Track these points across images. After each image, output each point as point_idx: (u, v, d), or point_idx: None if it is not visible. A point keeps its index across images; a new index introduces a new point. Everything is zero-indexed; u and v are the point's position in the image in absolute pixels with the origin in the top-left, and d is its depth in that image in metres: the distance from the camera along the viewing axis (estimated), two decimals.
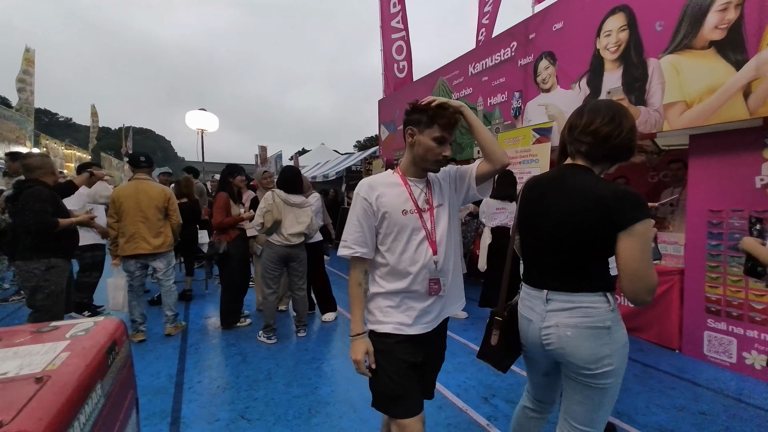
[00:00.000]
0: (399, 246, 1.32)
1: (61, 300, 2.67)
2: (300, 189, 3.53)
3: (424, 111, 1.29)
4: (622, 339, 1.20)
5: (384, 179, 1.40)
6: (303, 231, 3.42)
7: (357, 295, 1.36)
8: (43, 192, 2.62)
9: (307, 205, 3.53)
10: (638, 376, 2.76)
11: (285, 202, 3.35)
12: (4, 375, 0.75)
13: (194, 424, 2.20)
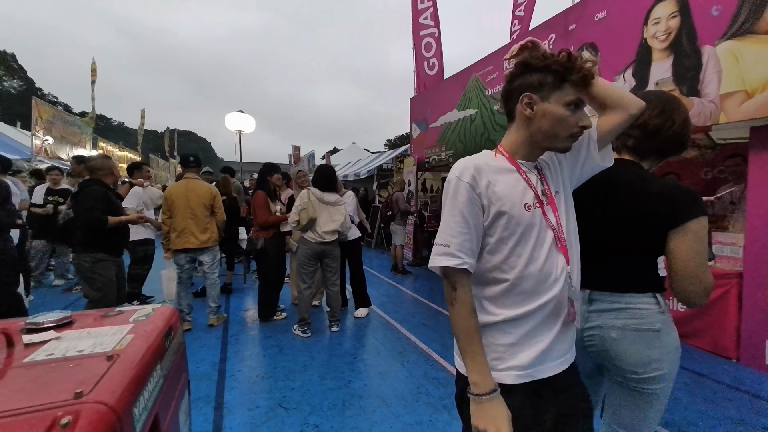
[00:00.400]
0: (524, 254, 0.93)
1: (111, 291, 2.84)
2: (335, 187, 3.61)
3: (548, 68, 0.92)
4: (673, 343, 1.14)
5: (490, 161, 1.02)
6: (337, 229, 3.49)
7: (473, 327, 0.93)
8: (98, 191, 2.79)
9: (342, 203, 3.60)
10: (689, 386, 2.59)
11: (320, 201, 3.44)
12: (81, 352, 0.83)
13: (236, 410, 2.31)
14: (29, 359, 0.80)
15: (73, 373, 0.74)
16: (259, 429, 2.12)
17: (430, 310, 4.33)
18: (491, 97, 5.47)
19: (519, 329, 0.93)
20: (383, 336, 3.53)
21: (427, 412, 2.28)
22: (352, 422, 2.18)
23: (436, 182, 8.89)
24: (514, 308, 0.94)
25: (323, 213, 3.46)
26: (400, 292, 5.14)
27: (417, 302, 4.66)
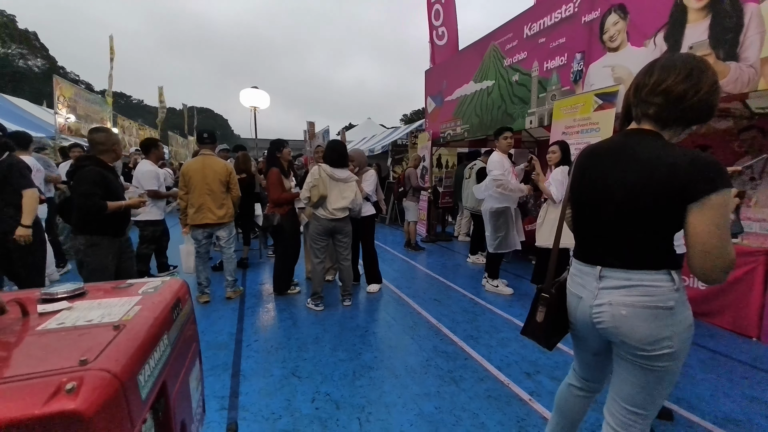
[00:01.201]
0: None
1: (106, 276, 2.58)
2: (346, 163, 3.58)
3: None
4: (686, 321, 1.10)
5: None
6: (347, 206, 3.49)
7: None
8: (93, 173, 2.52)
9: (352, 179, 3.58)
10: (705, 363, 2.54)
11: (330, 177, 3.43)
12: (90, 322, 0.87)
13: (252, 376, 2.42)
14: (41, 327, 0.83)
15: (81, 341, 0.77)
16: (274, 395, 2.22)
17: (442, 285, 4.35)
18: (510, 67, 5.22)
19: None
20: (395, 311, 3.58)
21: (435, 384, 2.33)
22: (361, 391, 2.25)
23: (452, 158, 8.71)
24: None
25: (334, 190, 3.45)
26: (413, 268, 5.17)
27: (429, 278, 4.68)
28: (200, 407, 1.29)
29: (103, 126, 2.86)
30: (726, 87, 2.82)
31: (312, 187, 3.37)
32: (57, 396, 0.61)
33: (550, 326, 1.44)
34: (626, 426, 1.21)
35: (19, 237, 2.63)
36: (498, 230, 3.95)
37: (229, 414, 2.06)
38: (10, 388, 0.62)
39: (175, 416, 0.96)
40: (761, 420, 2.00)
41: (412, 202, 6.33)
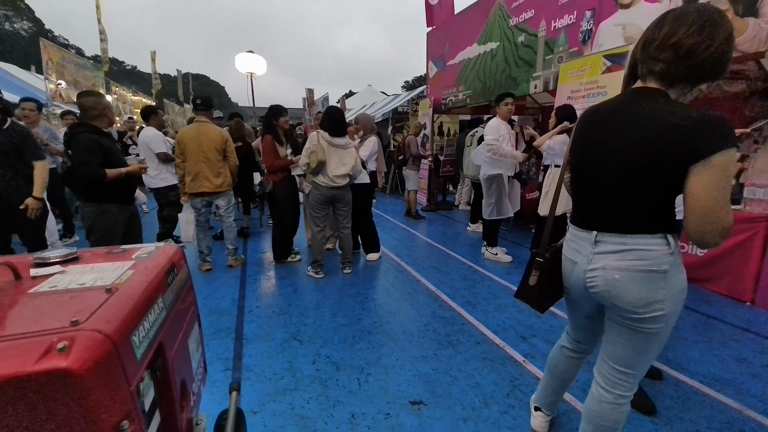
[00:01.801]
0: None
1: (114, 243, 2.55)
2: (343, 131, 3.50)
3: None
4: (680, 284, 1.10)
5: None
6: (348, 172, 3.45)
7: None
8: (88, 140, 2.45)
9: (351, 146, 3.51)
10: (698, 327, 2.59)
11: (330, 144, 3.36)
12: (82, 285, 0.87)
13: (254, 340, 2.49)
14: (33, 290, 0.84)
15: (73, 303, 0.77)
16: (276, 357, 2.29)
17: (442, 254, 4.38)
18: (516, 27, 4.98)
19: None
20: (394, 278, 3.63)
21: (432, 347, 2.40)
22: (360, 354, 2.32)
23: (453, 125, 8.53)
24: None
25: (333, 156, 3.40)
26: (413, 237, 5.19)
27: (429, 247, 4.71)
28: (201, 368, 1.33)
29: (91, 90, 2.74)
30: (742, 45, 2.69)
31: (311, 153, 3.32)
32: (48, 355, 0.62)
33: (543, 290, 1.45)
34: (614, 385, 1.24)
35: (31, 209, 2.62)
36: (490, 196, 3.94)
37: (233, 375, 2.13)
38: (1, 347, 0.62)
39: (174, 376, 0.99)
40: (747, 379, 2.06)
41: (412, 170, 6.26)
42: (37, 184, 2.66)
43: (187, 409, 1.11)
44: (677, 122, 0.98)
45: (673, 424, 1.73)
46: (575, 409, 1.84)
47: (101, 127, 2.58)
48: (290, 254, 4.07)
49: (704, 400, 1.89)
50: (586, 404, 1.33)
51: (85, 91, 2.63)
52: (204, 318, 2.77)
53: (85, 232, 2.64)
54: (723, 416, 1.79)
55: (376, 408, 1.86)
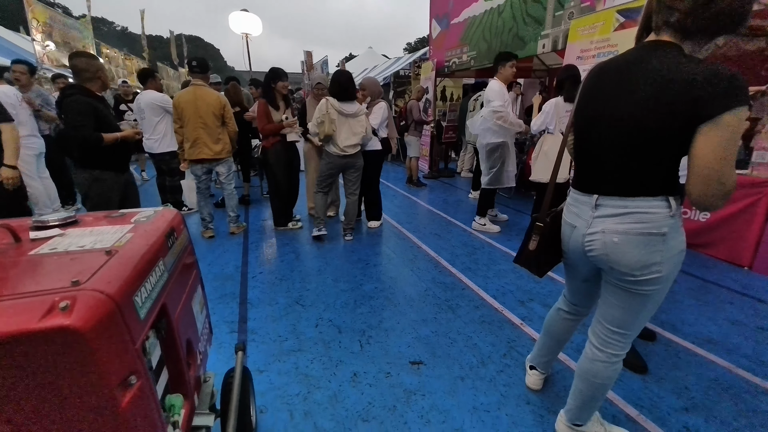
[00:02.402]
0: None
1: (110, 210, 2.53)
2: (351, 95, 3.38)
3: None
4: (678, 246, 1.09)
5: None
6: (358, 142, 3.39)
7: None
8: (81, 102, 2.36)
9: (362, 113, 3.41)
10: (694, 291, 2.63)
11: (339, 113, 3.26)
12: (82, 247, 0.87)
13: (258, 305, 2.56)
14: (33, 252, 0.84)
15: (73, 265, 0.78)
16: (279, 321, 2.36)
17: (443, 221, 4.39)
18: None
19: None
20: (395, 245, 3.66)
21: (432, 311, 2.45)
22: (362, 318, 2.39)
23: (456, 90, 8.26)
24: None
25: (343, 126, 3.31)
26: (414, 204, 5.19)
27: (430, 214, 4.71)
28: (206, 329, 1.37)
29: (84, 50, 2.58)
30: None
31: (320, 124, 3.24)
32: (52, 313, 0.63)
33: (542, 255, 1.46)
34: (607, 344, 1.27)
35: (5, 179, 2.43)
36: (493, 165, 3.81)
37: (239, 336, 2.21)
38: (5, 305, 0.63)
39: (179, 335, 1.01)
40: (739, 339, 2.12)
41: (414, 137, 6.14)
42: (7, 150, 2.45)
43: (195, 366, 1.15)
44: (689, 78, 0.93)
45: (662, 381, 1.80)
46: (569, 368, 1.90)
47: (95, 90, 2.47)
48: (291, 221, 4.09)
49: (694, 360, 1.96)
50: (580, 363, 1.38)
51: (77, 52, 2.51)
52: (208, 283, 2.83)
53: (82, 199, 2.59)
54: (712, 374, 1.85)
55: (377, 368, 1.93)
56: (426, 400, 1.72)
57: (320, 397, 1.74)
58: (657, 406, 1.66)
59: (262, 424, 1.60)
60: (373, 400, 1.72)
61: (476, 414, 1.64)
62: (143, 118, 4.23)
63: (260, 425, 1.59)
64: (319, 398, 1.73)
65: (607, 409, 1.64)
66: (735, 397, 1.70)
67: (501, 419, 1.61)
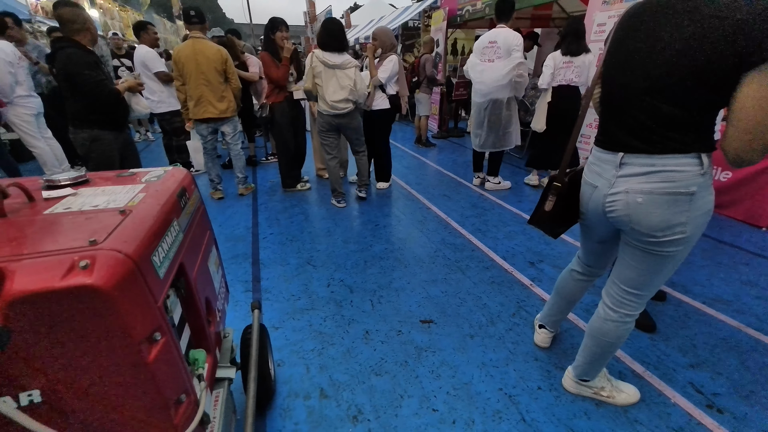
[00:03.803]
0: None
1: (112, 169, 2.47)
2: (340, 46, 3.11)
3: None
4: (706, 206, 1.05)
5: None
6: (348, 96, 3.13)
7: None
8: (85, 57, 2.28)
9: (351, 65, 3.13)
10: (707, 251, 2.61)
11: (324, 65, 3.06)
12: (96, 207, 0.86)
13: (270, 265, 2.60)
14: (48, 211, 0.83)
15: (88, 224, 0.77)
16: (291, 281, 2.41)
17: (453, 182, 4.33)
18: None
19: None
20: (404, 206, 3.64)
21: (442, 272, 2.48)
22: (372, 278, 2.42)
23: (468, 43, 7.80)
24: None
25: (330, 80, 3.09)
26: (423, 165, 5.10)
27: (439, 174, 4.64)
28: (223, 287, 1.39)
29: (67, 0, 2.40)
30: None
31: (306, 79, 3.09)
32: (72, 272, 0.62)
33: (558, 216, 1.42)
34: (621, 305, 1.27)
35: None
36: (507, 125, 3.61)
37: (253, 295, 2.26)
38: (26, 264, 0.63)
39: (198, 293, 1.03)
40: (749, 300, 2.12)
41: (425, 94, 5.90)
42: None
43: (214, 323, 1.18)
44: (742, 17, 0.84)
45: (670, 340, 1.83)
46: (577, 326, 1.94)
47: (85, 43, 2.34)
48: (299, 182, 4.05)
49: (704, 319, 1.97)
50: (591, 322, 1.39)
51: (60, 1, 2.32)
52: (221, 244, 2.84)
53: (82, 160, 2.56)
54: (720, 333, 1.87)
55: (389, 326, 1.99)
56: (436, 356, 1.77)
57: (334, 353, 1.80)
58: (663, 363, 1.69)
59: (280, 376, 1.68)
60: (385, 356, 1.78)
61: (485, 369, 1.69)
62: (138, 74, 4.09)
63: (278, 377, 1.67)
64: (333, 354, 1.80)
65: (613, 366, 1.68)
66: (742, 355, 1.73)
67: (509, 374, 1.67)
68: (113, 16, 10.57)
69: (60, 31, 2.37)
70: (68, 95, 2.37)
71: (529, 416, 1.47)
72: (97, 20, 9.79)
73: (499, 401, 1.53)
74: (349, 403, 1.54)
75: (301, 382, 1.64)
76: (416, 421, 1.46)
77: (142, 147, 6.29)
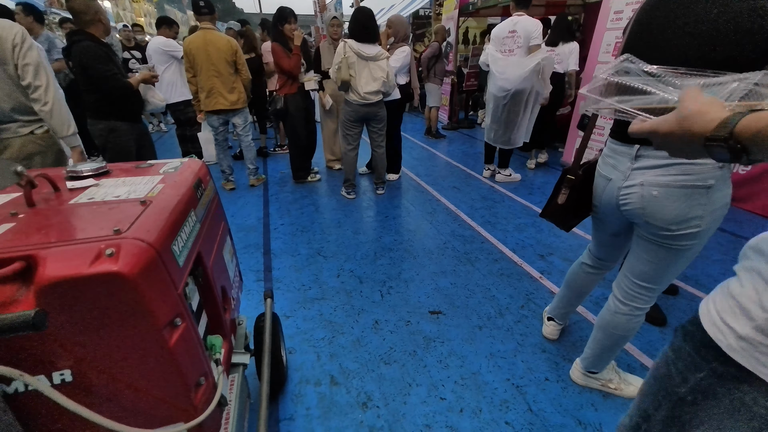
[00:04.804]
0: None
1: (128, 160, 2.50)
2: (373, 37, 3.13)
3: None
4: (723, 200, 1.04)
5: None
6: (380, 88, 3.17)
7: None
8: (98, 50, 2.33)
9: (383, 57, 3.16)
10: (723, 246, 2.57)
11: (358, 56, 3.05)
12: (117, 197, 0.89)
13: (281, 255, 2.64)
14: (74, 201, 0.87)
15: (112, 214, 0.80)
16: (302, 271, 2.45)
17: (462, 173, 4.31)
18: None
19: None
20: (414, 197, 3.64)
21: (451, 264, 2.49)
22: (382, 269, 2.45)
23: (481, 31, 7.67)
24: None
25: (363, 71, 3.10)
26: (433, 156, 5.07)
27: (449, 166, 4.62)
28: (237, 276, 1.43)
29: None
30: None
31: (337, 70, 3.07)
32: (99, 259, 0.65)
33: (571, 209, 1.42)
34: (632, 298, 1.27)
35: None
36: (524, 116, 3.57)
37: (265, 285, 2.31)
38: (56, 251, 0.66)
39: (214, 281, 1.06)
40: None
41: (435, 84, 5.84)
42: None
43: (230, 311, 1.22)
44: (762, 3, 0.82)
45: None
46: (586, 319, 1.94)
47: (98, 35, 2.38)
48: (310, 174, 4.08)
49: None
50: (601, 315, 1.39)
51: None
52: (233, 234, 2.91)
53: (100, 150, 2.62)
54: None
55: (398, 316, 2.01)
56: (444, 346, 1.80)
57: (344, 342, 1.84)
58: None
59: (291, 363, 1.72)
60: (394, 346, 1.81)
61: (492, 360, 1.71)
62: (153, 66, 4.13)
63: (290, 364, 1.71)
64: (343, 342, 1.84)
65: (622, 359, 1.68)
66: None
67: (517, 365, 1.68)
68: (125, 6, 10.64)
69: (73, 23, 2.42)
70: (85, 88, 2.43)
71: (536, 406, 1.48)
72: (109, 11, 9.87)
73: (507, 391, 1.55)
74: (359, 390, 1.58)
75: (312, 370, 1.69)
76: (424, 408, 1.49)
77: (156, 137, 6.38)
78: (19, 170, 0.81)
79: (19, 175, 0.81)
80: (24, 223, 0.76)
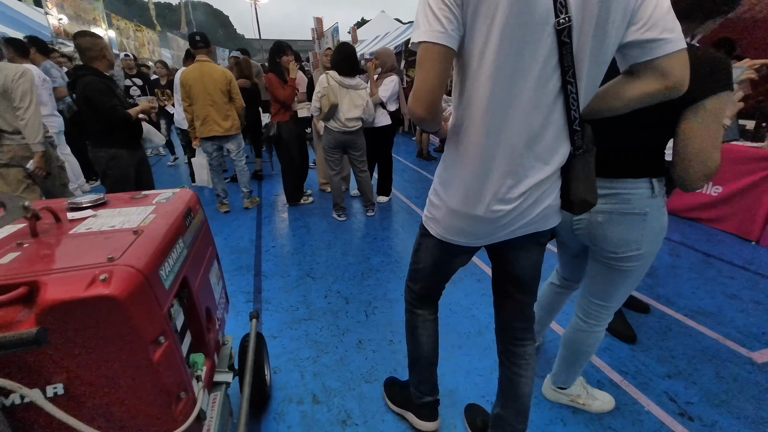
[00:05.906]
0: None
1: (127, 187, 2.68)
2: (356, 70, 3.37)
3: None
4: (658, 226, 1.16)
5: None
6: (360, 116, 3.36)
7: None
8: (100, 84, 2.48)
9: (363, 87, 3.40)
10: (695, 265, 2.67)
11: (340, 84, 3.27)
12: (113, 227, 1.00)
13: (272, 276, 2.73)
14: (73, 231, 0.97)
15: (107, 243, 0.90)
16: (291, 292, 2.53)
17: None
18: None
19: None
20: (403, 219, 3.76)
21: None
22: (368, 289, 2.53)
23: None
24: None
25: (344, 98, 3.30)
26: (424, 179, 5.23)
27: None
28: (223, 298, 1.52)
29: (87, 30, 2.69)
30: None
31: (321, 97, 3.24)
32: (94, 284, 0.75)
33: None
34: (591, 316, 1.37)
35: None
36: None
37: (254, 306, 2.39)
38: (56, 277, 0.76)
39: (198, 303, 1.15)
40: (733, 312, 2.18)
41: None
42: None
43: (214, 331, 1.30)
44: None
45: (650, 351, 1.90)
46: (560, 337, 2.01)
47: (102, 69, 2.56)
48: (302, 196, 4.20)
49: (685, 331, 2.04)
50: (565, 333, 1.48)
51: (80, 32, 2.57)
52: (226, 256, 3.01)
53: (100, 177, 2.75)
54: (699, 345, 1.94)
55: (381, 335, 2.09)
56: None
57: (328, 361, 1.91)
58: (641, 372, 1.77)
59: (276, 382, 1.78)
60: (376, 364, 1.88)
61: (470, 377, 1.78)
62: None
63: (274, 383, 1.78)
64: (327, 362, 1.90)
65: (592, 375, 1.76)
66: (718, 366, 1.80)
67: (493, 382, 1.74)
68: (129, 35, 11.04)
69: (80, 59, 2.61)
70: (88, 118, 2.59)
71: None
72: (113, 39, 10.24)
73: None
74: (340, 408, 1.64)
75: (296, 388, 1.75)
76: (402, 425, 1.55)
77: (154, 161, 6.53)
78: (26, 205, 0.92)
79: (26, 209, 0.92)
80: (29, 252, 0.86)
